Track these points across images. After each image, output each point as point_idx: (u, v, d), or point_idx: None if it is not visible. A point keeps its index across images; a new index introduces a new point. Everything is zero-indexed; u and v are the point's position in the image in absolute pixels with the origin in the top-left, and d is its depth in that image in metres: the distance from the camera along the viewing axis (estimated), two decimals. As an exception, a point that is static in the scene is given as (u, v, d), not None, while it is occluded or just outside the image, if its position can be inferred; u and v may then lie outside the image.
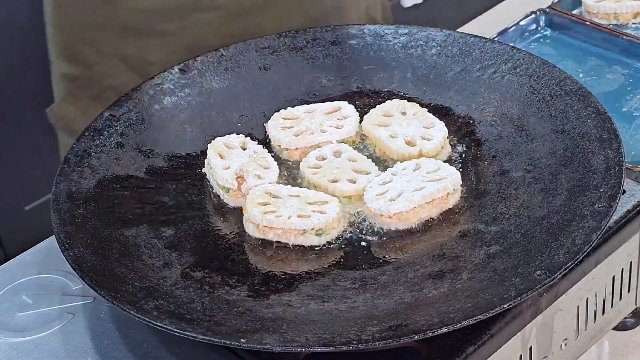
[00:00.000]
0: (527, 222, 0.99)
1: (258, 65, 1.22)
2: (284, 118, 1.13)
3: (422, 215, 1.02)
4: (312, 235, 1.00)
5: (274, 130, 1.12)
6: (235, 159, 1.07)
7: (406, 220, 1.01)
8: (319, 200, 1.03)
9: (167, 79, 1.19)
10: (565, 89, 1.11)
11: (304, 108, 1.15)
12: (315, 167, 1.07)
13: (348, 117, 1.13)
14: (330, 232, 1.01)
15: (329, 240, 1.01)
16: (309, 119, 1.12)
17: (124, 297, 0.93)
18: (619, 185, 0.98)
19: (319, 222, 1.00)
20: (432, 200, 1.02)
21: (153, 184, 1.08)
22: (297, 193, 1.04)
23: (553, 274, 0.91)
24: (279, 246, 1.01)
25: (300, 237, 1.00)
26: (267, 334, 0.89)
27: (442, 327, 0.87)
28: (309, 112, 1.14)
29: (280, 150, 1.12)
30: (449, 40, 1.21)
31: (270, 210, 1.01)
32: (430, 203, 1.02)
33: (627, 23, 1.33)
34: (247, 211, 1.02)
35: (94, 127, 1.12)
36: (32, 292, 1.05)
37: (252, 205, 1.02)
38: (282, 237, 1.01)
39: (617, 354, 1.08)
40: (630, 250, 1.04)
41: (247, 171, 1.06)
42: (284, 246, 1.01)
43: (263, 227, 1.01)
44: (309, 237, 1.00)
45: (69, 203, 1.03)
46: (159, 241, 1.01)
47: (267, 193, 1.03)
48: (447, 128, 1.11)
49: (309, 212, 1.01)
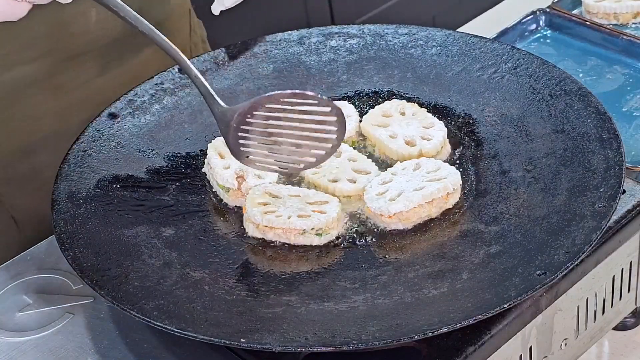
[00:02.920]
0: (527, 222, 0.99)
1: (258, 65, 1.22)
2: None
3: (422, 214, 1.02)
4: (312, 235, 1.00)
5: None
6: None
7: (406, 220, 1.01)
8: (319, 200, 1.03)
9: (167, 78, 1.19)
10: (565, 88, 1.11)
11: None
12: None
13: (348, 117, 1.13)
14: (331, 232, 1.01)
15: (328, 240, 1.01)
16: None
17: (124, 297, 0.93)
18: (619, 185, 0.98)
19: (319, 222, 1.00)
20: (432, 200, 1.02)
21: (153, 184, 1.08)
22: (297, 193, 1.04)
23: (553, 274, 0.91)
24: (279, 246, 1.01)
25: (300, 237, 1.00)
26: (267, 334, 0.89)
27: (442, 327, 0.87)
28: None
29: None
30: (449, 40, 1.21)
31: (270, 210, 1.01)
32: (430, 203, 1.02)
33: (627, 23, 1.33)
34: (247, 211, 1.02)
35: (94, 127, 1.12)
36: (32, 291, 1.05)
37: (252, 205, 1.02)
38: (282, 236, 1.01)
39: (617, 354, 1.08)
40: (630, 250, 1.04)
41: (247, 171, 1.06)
42: (284, 246, 1.01)
43: (263, 227, 1.01)
44: (309, 237, 1.00)
45: (69, 203, 1.04)
46: (158, 241, 1.01)
47: (267, 193, 1.03)
48: (447, 128, 1.11)
49: (309, 211, 1.01)
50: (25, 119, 1.24)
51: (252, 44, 1.24)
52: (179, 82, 1.19)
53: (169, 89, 1.18)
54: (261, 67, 1.22)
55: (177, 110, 1.17)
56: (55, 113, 1.25)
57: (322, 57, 1.22)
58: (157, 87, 1.18)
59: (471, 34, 1.21)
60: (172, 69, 1.20)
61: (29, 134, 1.25)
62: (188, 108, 1.17)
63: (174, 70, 1.20)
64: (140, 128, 1.14)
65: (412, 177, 1.04)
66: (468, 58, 1.19)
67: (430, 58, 1.20)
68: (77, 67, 1.25)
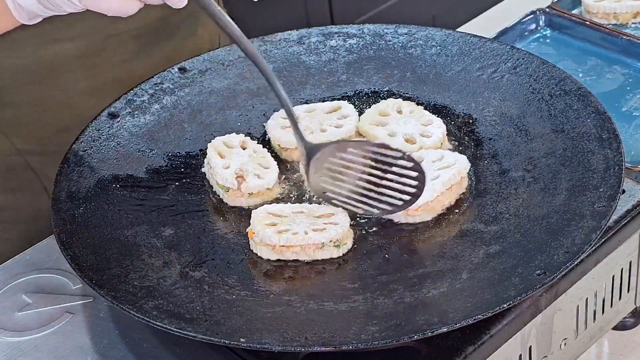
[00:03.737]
0: (526, 222, 0.99)
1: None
2: (283, 118, 1.13)
3: (445, 202, 1.02)
4: (331, 248, 0.98)
5: (274, 129, 1.12)
6: (235, 158, 1.07)
7: (432, 210, 1.02)
8: (326, 213, 1.01)
9: (167, 78, 1.19)
10: (565, 88, 1.11)
11: (304, 107, 1.15)
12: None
13: (348, 116, 1.13)
14: (347, 242, 0.99)
15: (345, 251, 0.99)
16: (309, 118, 1.12)
17: (123, 296, 0.93)
18: (619, 185, 0.98)
19: (336, 233, 0.98)
20: (451, 186, 1.02)
21: (153, 184, 1.08)
22: (300, 209, 1.02)
23: (553, 274, 0.91)
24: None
25: (319, 252, 0.98)
26: (266, 333, 0.89)
27: (442, 327, 0.87)
28: (309, 112, 1.14)
29: (280, 150, 1.12)
30: (448, 40, 1.21)
31: (283, 229, 0.99)
32: (450, 189, 1.02)
33: (626, 23, 1.33)
34: (256, 235, 0.99)
35: (93, 126, 1.13)
36: (32, 291, 1.05)
37: (263, 227, 0.99)
38: (301, 254, 0.98)
39: (617, 354, 1.08)
40: (630, 250, 1.04)
41: (246, 170, 1.06)
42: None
43: (280, 247, 0.98)
44: (328, 250, 0.98)
45: (69, 203, 1.04)
46: (158, 241, 1.01)
47: (269, 214, 1.01)
48: (446, 127, 1.10)
49: (321, 225, 0.99)
50: (62, 95, 1.28)
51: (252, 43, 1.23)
52: (178, 82, 1.19)
53: (169, 88, 1.18)
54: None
55: (177, 110, 1.17)
56: (90, 91, 1.29)
57: (321, 57, 1.22)
58: (156, 87, 1.18)
59: (471, 33, 1.21)
60: (171, 69, 1.20)
61: (64, 110, 1.29)
62: (187, 108, 1.17)
63: (173, 70, 1.20)
64: (140, 128, 1.14)
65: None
66: (468, 58, 1.19)
67: (429, 58, 1.20)
68: (113, 48, 1.29)
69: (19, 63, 1.25)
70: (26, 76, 1.26)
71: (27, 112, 1.29)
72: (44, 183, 1.31)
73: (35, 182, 1.31)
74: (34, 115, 1.29)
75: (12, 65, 1.25)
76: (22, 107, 1.28)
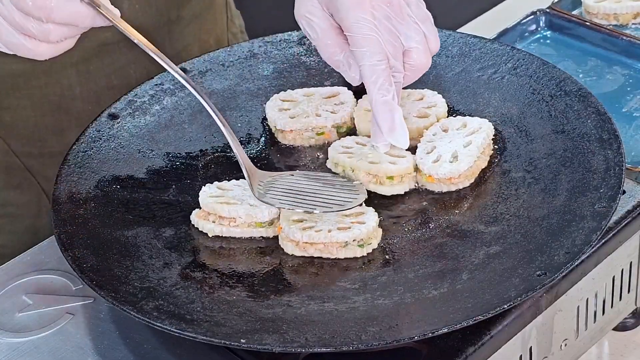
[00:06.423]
0: (527, 223, 0.99)
1: (258, 66, 1.22)
2: (282, 100, 1.13)
3: (482, 166, 1.04)
4: (355, 247, 0.98)
5: (271, 111, 1.13)
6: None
7: (472, 176, 1.04)
8: (355, 212, 1.01)
9: (167, 79, 1.19)
10: (565, 89, 1.11)
11: (303, 91, 1.15)
12: (346, 153, 1.06)
13: (344, 102, 1.13)
14: (372, 242, 0.99)
15: (370, 250, 0.99)
16: (307, 102, 1.13)
17: (124, 297, 0.93)
18: (619, 185, 0.98)
19: (360, 233, 0.97)
20: (484, 150, 1.04)
21: (153, 184, 1.08)
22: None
23: (553, 275, 0.91)
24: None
25: (342, 250, 0.98)
26: (267, 334, 0.89)
27: (442, 328, 0.87)
28: (307, 95, 1.14)
29: (276, 132, 1.12)
30: (449, 41, 1.21)
31: (308, 226, 0.99)
32: (483, 152, 1.05)
33: (627, 23, 1.33)
34: (283, 230, 0.99)
35: (94, 127, 1.13)
36: (32, 292, 1.05)
37: (289, 224, 0.99)
38: (324, 251, 0.98)
39: (617, 355, 1.08)
40: (630, 251, 1.04)
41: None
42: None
43: (303, 243, 0.98)
44: (352, 249, 0.98)
45: (69, 203, 1.04)
46: (158, 241, 1.01)
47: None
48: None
49: (348, 223, 0.99)
50: (59, 98, 1.30)
51: (252, 44, 1.24)
52: (178, 82, 1.19)
53: (169, 89, 1.18)
54: (261, 67, 1.22)
55: (177, 110, 1.17)
56: (87, 96, 1.31)
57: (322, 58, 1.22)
58: (157, 87, 1.18)
59: (471, 34, 1.21)
60: (172, 70, 1.20)
61: (61, 113, 1.31)
62: (188, 109, 1.17)
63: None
64: (140, 129, 1.14)
65: (450, 138, 1.05)
66: (468, 58, 1.19)
67: (430, 58, 1.20)
68: (107, 55, 1.31)
69: (15, 68, 1.26)
70: (23, 81, 1.27)
71: (23, 115, 1.30)
72: (41, 185, 1.32)
73: (33, 184, 1.32)
74: (31, 119, 1.30)
75: (9, 70, 1.26)
76: (19, 110, 1.29)
